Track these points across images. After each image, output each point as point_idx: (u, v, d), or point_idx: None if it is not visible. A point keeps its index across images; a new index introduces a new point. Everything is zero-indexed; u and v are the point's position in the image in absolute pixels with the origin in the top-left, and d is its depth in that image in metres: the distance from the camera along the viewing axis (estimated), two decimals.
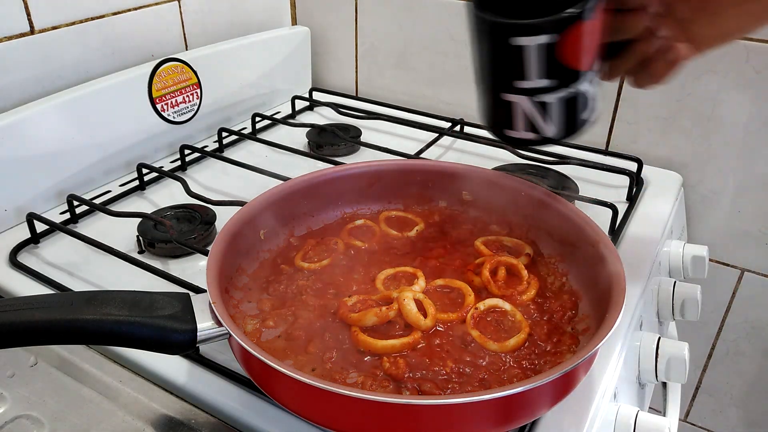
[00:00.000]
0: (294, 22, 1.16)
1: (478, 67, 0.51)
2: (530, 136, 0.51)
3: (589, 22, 0.46)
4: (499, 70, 0.49)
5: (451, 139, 0.95)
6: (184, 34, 0.95)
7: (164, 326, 0.43)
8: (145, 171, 0.82)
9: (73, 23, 0.80)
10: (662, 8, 0.49)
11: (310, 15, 1.13)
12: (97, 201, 0.77)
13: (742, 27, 0.50)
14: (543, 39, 0.46)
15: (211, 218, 0.73)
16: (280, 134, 0.98)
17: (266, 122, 1.01)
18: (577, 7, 0.45)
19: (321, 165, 0.82)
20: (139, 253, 0.70)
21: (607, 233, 0.58)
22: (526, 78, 0.47)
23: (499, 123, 0.52)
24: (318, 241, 0.64)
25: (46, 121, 0.73)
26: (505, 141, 0.54)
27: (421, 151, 0.88)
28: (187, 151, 0.88)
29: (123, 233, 0.71)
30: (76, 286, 0.64)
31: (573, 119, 0.50)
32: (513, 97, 0.49)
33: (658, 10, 0.49)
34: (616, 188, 0.82)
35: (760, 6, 0.48)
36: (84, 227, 0.74)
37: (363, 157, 0.91)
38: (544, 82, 0.47)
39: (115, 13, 0.85)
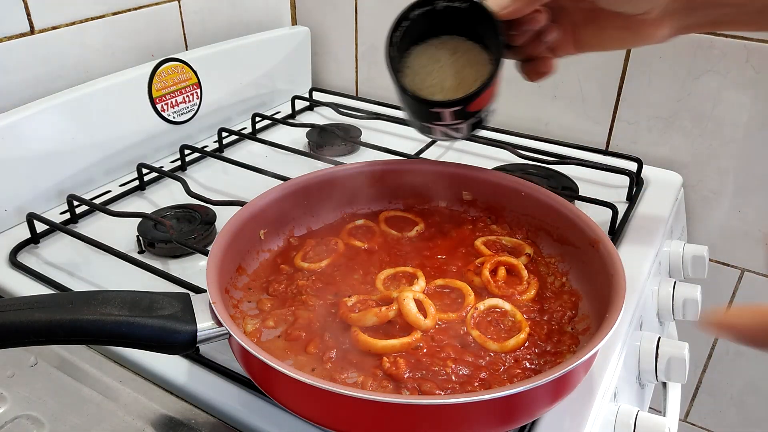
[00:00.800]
0: (294, 22, 1.16)
1: (401, 101, 0.61)
2: (446, 140, 0.71)
3: (491, 87, 0.56)
4: (421, 116, 0.60)
5: None
6: (184, 34, 0.95)
7: (164, 326, 0.43)
8: (145, 171, 0.82)
9: (73, 23, 0.80)
10: (556, 14, 0.59)
11: (310, 15, 1.13)
12: (97, 201, 0.77)
13: (617, 45, 0.61)
14: (454, 108, 0.57)
15: (211, 218, 0.73)
16: (280, 134, 0.98)
17: (266, 122, 1.01)
18: (482, 82, 0.56)
19: (321, 165, 0.82)
20: (139, 253, 0.70)
21: (607, 233, 0.58)
22: (442, 122, 0.59)
23: (422, 131, 0.64)
24: (318, 241, 0.64)
25: (46, 121, 0.73)
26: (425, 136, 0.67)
27: (421, 151, 0.88)
28: (187, 151, 0.88)
29: (123, 233, 0.71)
30: (76, 286, 0.64)
31: (477, 127, 0.62)
32: (432, 126, 0.61)
33: (548, 19, 0.57)
34: (616, 188, 0.82)
35: (632, 35, 0.59)
36: (84, 227, 0.74)
37: (363, 157, 0.91)
38: (456, 122, 0.59)
39: (115, 13, 0.85)
